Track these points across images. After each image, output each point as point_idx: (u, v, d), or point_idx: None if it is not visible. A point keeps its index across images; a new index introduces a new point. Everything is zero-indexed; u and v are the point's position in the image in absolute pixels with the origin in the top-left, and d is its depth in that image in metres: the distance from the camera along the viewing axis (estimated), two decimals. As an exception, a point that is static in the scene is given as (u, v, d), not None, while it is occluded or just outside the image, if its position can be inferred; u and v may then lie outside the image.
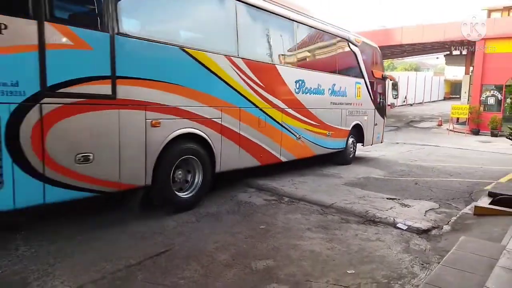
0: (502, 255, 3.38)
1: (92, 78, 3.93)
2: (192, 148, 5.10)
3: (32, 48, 3.47)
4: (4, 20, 3.25)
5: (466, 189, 7.01)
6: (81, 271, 3.34)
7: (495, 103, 19.60)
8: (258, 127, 6.24)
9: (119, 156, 4.21)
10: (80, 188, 3.97)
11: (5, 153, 3.38)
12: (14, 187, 3.44)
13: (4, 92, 3.30)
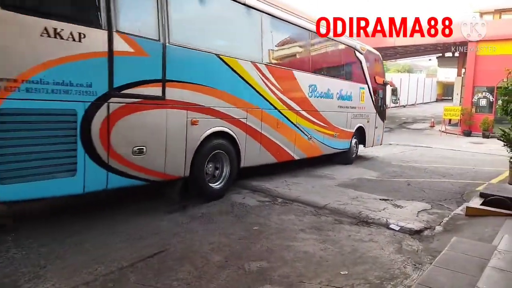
0: (493, 256, 3.41)
1: (147, 81, 4.51)
2: (222, 144, 5.68)
3: (103, 54, 4.02)
4: (83, 30, 3.82)
5: (458, 190, 7.07)
6: (73, 273, 3.31)
7: (487, 104, 19.81)
8: (276, 127, 6.82)
9: (166, 149, 4.82)
10: (134, 177, 4.52)
11: (79, 144, 3.91)
12: (85, 174, 3.98)
13: (81, 92, 3.85)
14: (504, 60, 16.23)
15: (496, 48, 18.30)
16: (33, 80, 3.55)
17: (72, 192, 4.06)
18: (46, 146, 3.73)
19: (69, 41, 3.75)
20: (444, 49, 25.50)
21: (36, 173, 3.67)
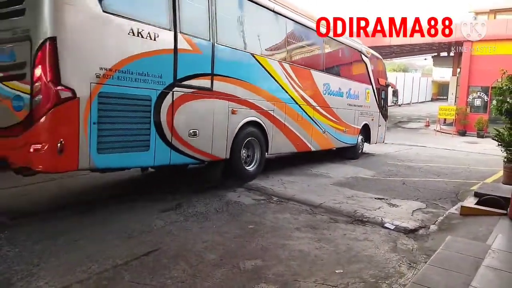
0: (487, 255, 3.43)
1: (200, 74, 5.37)
2: (254, 132, 6.55)
3: (170, 51, 4.88)
4: (157, 31, 4.68)
5: (453, 189, 7.10)
6: (67, 271, 3.28)
7: (482, 104, 19.94)
8: (297, 120, 7.67)
9: (212, 134, 5.66)
10: (189, 156, 5.35)
11: (152, 125, 4.70)
12: (155, 150, 4.79)
13: (154, 82, 4.68)
14: (499, 60, 16.34)
15: (496, 48, 18.36)
16: (122, 70, 4.33)
17: (145, 164, 5.19)
18: (130, 124, 4.52)
19: (147, 39, 4.59)
20: (439, 49, 25.63)
21: (122, 146, 4.44)
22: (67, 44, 3.85)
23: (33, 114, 3.83)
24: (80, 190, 6.18)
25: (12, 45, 4.01)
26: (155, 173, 7.54)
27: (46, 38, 3.74)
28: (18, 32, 3.93)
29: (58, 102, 3.81)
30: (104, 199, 5.61)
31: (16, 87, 3.99)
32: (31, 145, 3.83)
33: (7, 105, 4.03)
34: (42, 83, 3.78)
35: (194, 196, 5.76)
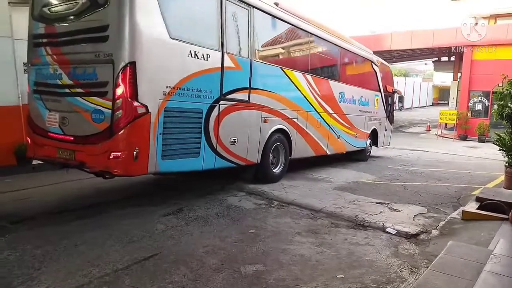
0: (489, 260, 3.41)
1: (240, 88, 5.97)
2: (280, 139, 7.09)
3: (218, 69, 5.48)
4: (209, 52, 5.28)
5: (454, 194, 7.08)
6: (67, 275, 3.28)
7: (483, 109, 19.92)
8: (316, 127, 8.22)
9: (248, 141, 6.24)
10: (229, 161, 5.93)
11: (202, 134, 5.27)
12: (204, 156, 5.36)
13: (205, 96, 5.28)
14: (500, 65, 16.35)
15: (496, 49, 18.32)
16: (182, 87, 4.92)
17: (196, 169, 5.44)
18: (185, 134, 5.12)
19: (201, 60, 5.19)
20: (440, 54, 25.65)
21: (179, 153, 5.02)
22: (143, 67, 4.43)
23: (114, 126, 4.39)
24: (80, 194, 6.18)
25: (94, 66, 4.55)
26: (156, 178, 7.53)
27: (127, 62, 4.32)
28: (101, 56, 4.46)
29: (135, 116, 4.41)
30: (105, 203, 5.61)
31: (96, 102, 4.53)
32: (111, 152, 4.40)
33: (86, 117, 4.59)
34: (123, 100, 4.36)
35: (195, 201, 5.75)
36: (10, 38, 7.90)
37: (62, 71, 4.86)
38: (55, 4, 5.05)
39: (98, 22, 4.51)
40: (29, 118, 5.44)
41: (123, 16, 4.32)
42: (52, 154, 5.02)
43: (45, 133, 5.09)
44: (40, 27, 5.17)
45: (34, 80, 5.31)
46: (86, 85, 4.66)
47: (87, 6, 4.61)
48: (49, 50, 5.04)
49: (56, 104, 4.97)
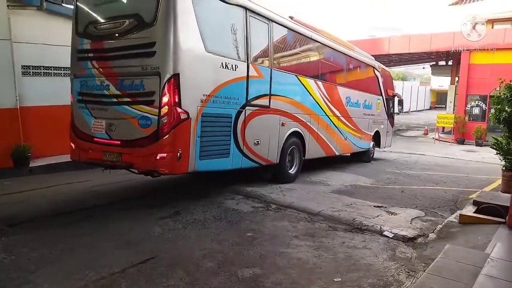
0: (486, 263, 3.41)
1: (262, 95, 6.51)
2: (295, 141, 7.60)
3: (244, 78, 6.05)
4: (237, 63, 5.89)
5: (452, 197, 7.09)
6: (63, 278, 3.27)
7: (480, 113, 19.95)
8: (326, 129, 8.79)
9: (269, 142, 6.78)
10: (253, 161, 6.47)
11: (231, 137, 5.84)
12: (232, 156, 5.91)
13: (234, 103, 5.86)
14: (497, 69, 16.42)
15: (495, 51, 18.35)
16: (215, 95, 5.47)
17: (226, 168, 5.93)
18: (218, 137, 5.64)
19: (231, 70, 5.77)
20: (437, 58, 25.74)
21: (212, 154, 5.53)
22: (185, 78, 4.97)
23: (160, 130, 4.89)
24: (77, 197, 6.16)
25: (142, 78, 5.05)
26: (152, 181, 7.53)
27: (172, 74, 4.86)
28: (148, 69, 4.97)
29: (179, 122, 4.93)
30: (101, 206, 5.59)
31: (144, 109, 5.03)
32: (158, 154, 4.91)
33: (133, 123, 5.09)
34: (169, 108, 4.88)
35: (193, 204, 5.74)
36: (9, 40, 7.91)
37: (110, 83, 5.35)
38: (102, 23, 5.54)
39: (145, 40, 5.01)
40: (73, 125, 5.93)
41: (169, 34, 4.87)
42: (98, 157, 5.50)
43: (91, 138, 5.57)
44: (85, 43, 5.70)
45: (79, 91, 5.83)
46: (133, 95, 5.14)
47: (134, 25, 5.12)
48: (95, 63, 5.54)
49: (103, 112, 5.45)
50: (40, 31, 8.61)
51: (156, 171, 5.12)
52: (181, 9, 4.95)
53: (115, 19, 5.35)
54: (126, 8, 5.37)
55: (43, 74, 8.78)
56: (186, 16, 5.03)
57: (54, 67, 8.96)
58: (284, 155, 7.23)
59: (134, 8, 5.24)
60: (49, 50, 8.75)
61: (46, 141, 8.69)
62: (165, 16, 4.89)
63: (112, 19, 5.42)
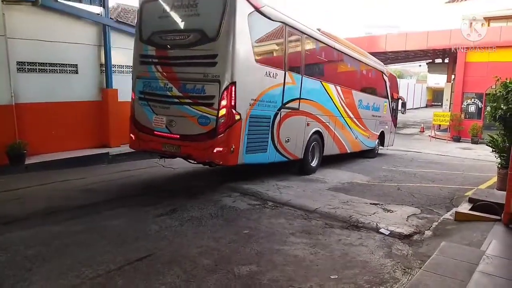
0: (481, 260, 3.44)
1: (293, 99, 7.37)
2: (316, 139, 8.50)
3: (281, 84, 6.92)
4: (277, 71, 6.78)
5: (447, 195, 7.13)
6: (59, 276, 3.26)
7: (476, 111, 20.03)
8: (341, 129, 9.66)
9: (296, 140, 7.65)
10: (284, 156, 7.31)
11: (269, 135, 6.73)
12: (269, 152, 6.81)
13: (272, 106, 6.75)
14: (493, 67, 16.47)
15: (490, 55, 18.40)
16: (260, 99, 6.38)
17: (264, 161, 6.86)
18: (259, 134, 6.53)
19: (272, 78, 6.66)
20: (434, 56, 25.79)
21: (255, 149, 6.44)
22: (240, 85, 5.80)
23: (218, 128, 5.74)
24: (72, 195, 6.13)
25: (203, 83, 5.87)
26: (149, 179, 7.51)
27: (230, 82, 5.71)
28: (209, 76, 5.80)
29: (234, 122, 5.81)
30: (97, 204, 5.57)
31: (203, 110, 5.85)
32: (215, 148, 5.77)
33: (193, 121, 5.93)
34: (226, 110, 5.72)
35: (189, 201, 5.74)
36: (3, 36, 7.84)
37: (173, 85, 6.13)
38: (167, 34, 6.30)
39: (208, 52, 5.84)
40: (134, 119, 6.63)
41: (229, 48, 5.71)
42: (157, 148, 6.40)
43: (151, 131, 6.36)
44: (149, 49, 6.44)
45: (141, 90, 6.53)
46: (194, 97, 5.97)
47: (198, 39, 5.94)
48: (159, 68, 6.31)
49: (164, 110, 6.23)
50: (35, 27, 8.54)
51: (213, 162, 6.01)
52: (239, 28, 5.78)
53: (180, 32, 6.19)
54: (191, 24, 6.09)
55: (39, 71, 8.72)
56: (243, 34, 5.91)
57: (50, 63, 8.90)
58: (307, 151, 8.13)
59: (199, 24, 5.99)
60: (44, 46, 8.70)
61: (41, 138, 8.66)
62: (226, 33, 5.72)
63: (177, 31, 6.22)
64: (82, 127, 9.60)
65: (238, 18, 5.77)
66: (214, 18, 5.81)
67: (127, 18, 14.58)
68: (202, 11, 6.00)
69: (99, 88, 9.94)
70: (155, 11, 6.39)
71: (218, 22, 5.74)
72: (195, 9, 6.02)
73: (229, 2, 5.74)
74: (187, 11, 6.08)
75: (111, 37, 9.88)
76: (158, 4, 6.36)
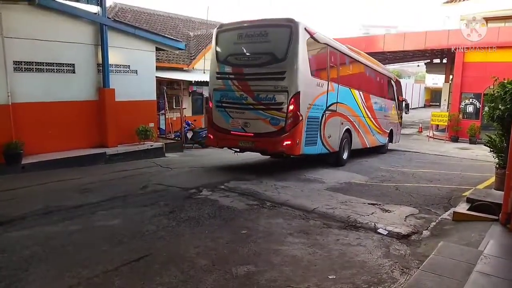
0: (479, 260, 3.43)
1: (333, 103, 9.15)
2: (346, 136, 10.10)
3: (325, 92, 8.62)
4: (323, 82, 8.55)
5: (445, 195, 7.12)
6: (56, 276, 3.24)
7: (474, 111, 20.05)
8: (363, 127, 11.45)
9: (334, 136, 9.32)
10: (327, 149, 8.97)
11: (319, 132, 8.43)
12: (318, 145, 8.49)
13: (320, 109, 8.47)
14: (491, 68, 16.47)
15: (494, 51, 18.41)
16: (314, 104, 8.17)
17: (314, 153, 8.62)
18: (312, 131, 8.25)
19: (320, 87, 8.46)
20: (432, 56, 25.82)
21: (310, 143, 8.20)
22: (302, 94, 7.64)
23: (286, 127, 7.60)
24: (69, 194, 6.11)
25: (274, 93, 7.70)
26: (144, 178, 7.49)
27: (296, 91, 7.55)
28: (279, 88, 7.63)
29: (298, 122, 7.66)
30: (94, 204, 5.55)
31: (274, 113, 7.70)
32: (285, 142, 7.64)
33: (265, 122, 7.77)
34: (293, 113, 7.59)
35: (187, 201, 5.72)
36: (0, 35, 7.81)
37: (248, 96, 7.92)
38: (241, 56, 8.20)
39: (278, 69, 7.66)
40: (212, 123, 8.47)
41: (295, 66, 7.58)
42: (234, 144, 8.41)
43: (228, 132, 8.19)
44: (226, 68, 8.29)
45: (218, 99, 8.34)
46: (266, 104, 7.77)
47: (269, 59, 7.76)
48: (235, 82, 8.09)
49: (240, 114, 8.03)
50: (32, 26, 8.50)
51: (284, 153, 7.98)
52: (301, 51, 7.63)
53: (254, 55, 8.03)
54: (262, 48, 7.90)
55: (36, 70, 8.68)
56: (303, 55, 7.70)
57: (47, 63, 8.86)
58: (341, 146, 9.71)
59: (270, 49, 7.81)
60: (41, 45, 8.66)
61: (38, 138, 8.62)
62: (292, 55, 7.56)
63: (251, 54, 8.08)
64: (79, 127, 9.56)
65: (300, 43, 7.61)
66: (282, 44, 7.63)
67: (124, 17, 14.58)
68: (272, 39, 7.84)
69: (96, 88, 9.90)
70: (230, 38, 8.31)
71: (286, 47, 7.59)
72: (265, 37, 7.86)
73: (294, 32, 7.56)
74: (258, 39, 7.91)
75: (108, 36, 9.83)
76: (232, 33, 8.27)
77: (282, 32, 7.72)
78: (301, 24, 7.68)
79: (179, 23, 17.89)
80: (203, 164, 9.60)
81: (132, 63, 10.85)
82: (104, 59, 9.77)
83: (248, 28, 8.07)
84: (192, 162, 10.09)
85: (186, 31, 17.43)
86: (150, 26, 14.99)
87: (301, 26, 7.64)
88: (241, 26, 8.22)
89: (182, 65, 14.67)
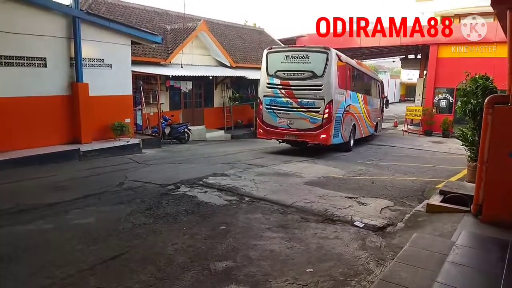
0: (451, 251, 3.53)
1: (348, 105, 12.07)
2: (353, 128, 12.72)
3: (344, 98, 11.75)
4: (344, 91, 11.84)
5: (419, 187, 7.30)
6: (29, 277, 3.15)
7: (447, 105, 20.55)
8: (362, 122, 13.99)
9: (347, 130, 12.05)
10: (343, 140, 11.77)
11: (340, 127, 11.42)
12: (339, 137, 11.43)
13: (341, 110, 11.51)
14: (464, 63, 16.92)
15: (461, 51, 19.09)
16: (339, 107, 11.18)
17: (337, 143, 11.35)
18: (337, 127, 11.11)
19: (342, 95, 11.49)
20: (407, 51, 26.31)
21: (336, 136, 11.06)
22: (334, 101, 10.61)
23: (323, 125, 10.51)
24: (41, 192, 5.93)
25: (314, 100, 10.59)
26: (121, 175, 7.36)
27: (330, 99, 10.51)
28: (317, 96, 10.54)
29: (331, 121, 10.57)
30: (67, 202, 5.41)
31: (313, 115, 10.58)
32: (321, 135, 10.56)
33: (306, 121, 10.65)
34: (328, 115, 10.51)
35: (164, 198, 5.65)
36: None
37: (292, 101, 10.78)
38: (288, 72, 10.87)
39: (317, 82, 10.56)
40: (262, 121, 11.27)
41: (329, 81, 10.52)
42: (280, 137, 11.26)
43: (275, 127, 11.02)
44: (274, 80, 11.03)
45: (267, 103, 11.10)
46: (307, 107, 10.66)
47: (310, 76, 10.63)
48: (282, 91, 10.91)
49: (285, 115, 10.86)
50: (1, 18, 8.16)
51: (320, 143, 10.76)
52: (333, 70, 10.58)
53: (298, 71, 10.76)
54: (305, 67, 10.68)
55: (5, 64, 8.35)
56: (334, 72, 10.62)
57: (17, 56, 8.54)
58: (350, 136, 12.44)
59: (311, 68, 10.64)
60: (10, 38, 8.33)
61: (9, 135, 8.32)
62: (327, 73, 10.51)
63: (296, 71, 10.79)
64: (51, 123, 9.27)
65: (333, 65, 10.59)
66: (320, 64, 10.56)
67: (98, 10, 14.17)
68: (312, 61, 10.70)
69: (69, 82, 9.62)
70: (277, 58, 11.08)
71: (323, 67, 10.53)
72: (307, 59, 10.73)
73: (329, 57, 10.52)
74: (302, 60, 10.78)
75: (81, 29, 9.54)
76: (280, 54, 11.11)
77: (320, 56, 10.64)
78: (334, 51, 10.77)
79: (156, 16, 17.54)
80: (181, 160, 9.51)
81: (107, 57, 10.57)
82: (77, 53, 9.49)
83: (293, 51, 11.06)
84: (170, 158, 9.97)
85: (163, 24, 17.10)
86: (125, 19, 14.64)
87: (334, 52, 10.72)
88: (287, 50, 11.38)
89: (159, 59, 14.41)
